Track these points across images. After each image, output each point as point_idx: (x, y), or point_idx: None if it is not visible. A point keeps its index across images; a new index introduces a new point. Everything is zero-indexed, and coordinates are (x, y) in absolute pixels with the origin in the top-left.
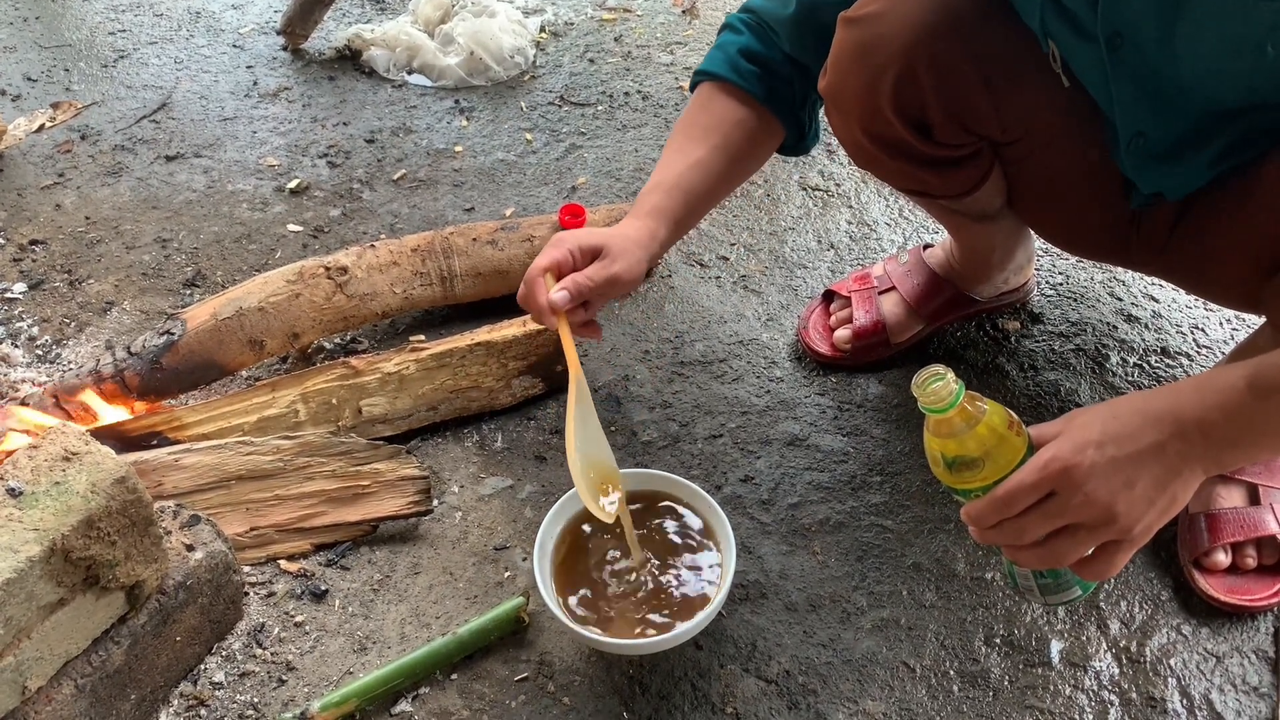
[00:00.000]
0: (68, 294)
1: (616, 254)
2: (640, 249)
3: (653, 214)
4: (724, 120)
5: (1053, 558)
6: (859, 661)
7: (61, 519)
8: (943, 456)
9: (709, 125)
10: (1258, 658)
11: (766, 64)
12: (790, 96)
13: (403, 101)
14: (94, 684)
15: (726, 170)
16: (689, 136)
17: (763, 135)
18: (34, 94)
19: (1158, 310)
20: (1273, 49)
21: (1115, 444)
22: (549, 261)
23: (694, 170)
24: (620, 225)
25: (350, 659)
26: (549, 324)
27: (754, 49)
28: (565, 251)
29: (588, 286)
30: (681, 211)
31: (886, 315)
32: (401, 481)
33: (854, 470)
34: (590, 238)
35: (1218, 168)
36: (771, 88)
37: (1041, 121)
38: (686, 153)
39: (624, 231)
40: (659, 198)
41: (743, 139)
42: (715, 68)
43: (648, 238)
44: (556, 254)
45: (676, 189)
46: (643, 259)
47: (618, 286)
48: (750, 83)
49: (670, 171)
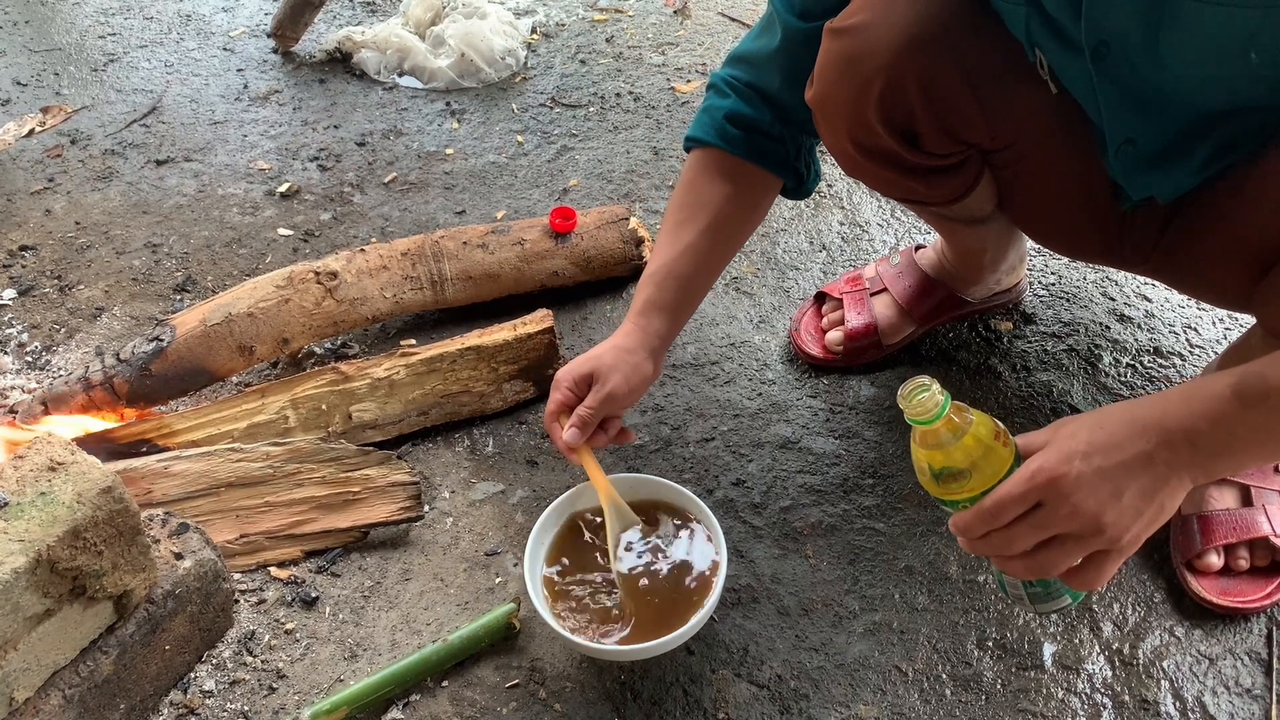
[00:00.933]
0: (58, 300)
1: (606, 373)
2: (633, 354)
3: (644, 311)
4: (714, 198)
5: (1041, 568)
6: (851, 665)
7: (47, 529)
8: (930, 467)
9: (699, 204)
10: (1251, 659)
11: (755, 126)
12: (783, 154)
13: (394, 104)
14: (82, 694)
15: (719, 247)
16: (679, 219)
17: (757, 197)
18: (24, 98)
19: (1150, 310)
20: (1256, 55)
21: (1102, 454)
22: (555, 406)
23: (684, 257)
24: (613, 336)
25: (341, 666)
26: (575, 463)
27: (739, 112)
28: (564, 391)
29: (589, 415)
30: (676, 300)
31: (878, 317)
32: (392, 487)
33: (846, 473)
34: (580, 368)
35: (1206, 171)
36: (762, 149)
37: (1030, 128)
38: (678, 238)
39: (614, 344)
40: (650, 292)
41: (733, 213)
42: (704, 134)
43: (639, 340)
44: (558, 396)
45: (668, 279)
46: (639, 362)
47: (618, 401)
48: (738, 148)
49: (660, 261)
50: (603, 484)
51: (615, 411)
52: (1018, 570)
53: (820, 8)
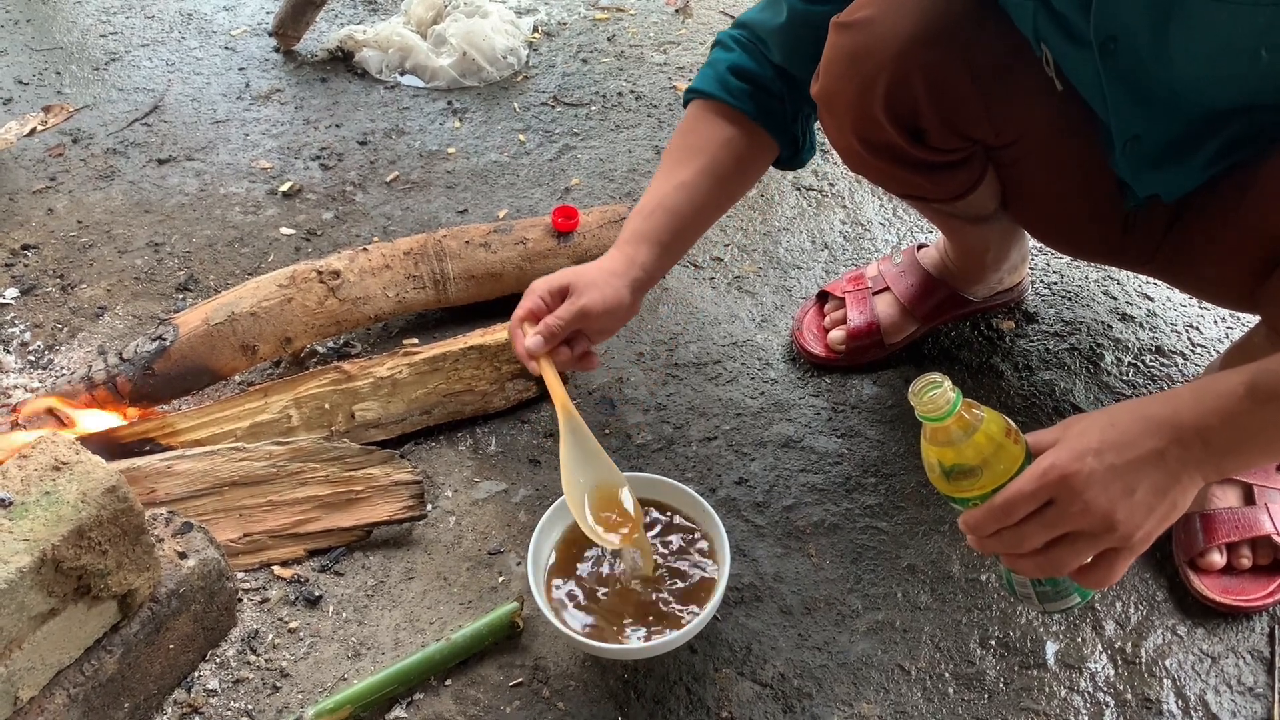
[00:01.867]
0: (60, 299)
1: (583, 288)
2: (615, 277)
3: (631, 240)
4: (711, 141)
5: (1052, 566)
6: (854, 664)
7: (52, 529)
8: (940, 465)
9: (696, 146)
10: (1253, 658)
11: (757, 80)
12: (782, 112)
13: (395, 103)
14: (87, 693)
15: (713, 191)
16: (675, 159)
17: (753, 153)
18: (25, 97)
19: (1152, 309)
20: (1266, 52)
21: (1114, 451)
22: (523, 312)
23: (678, 192)
24: (599, 260)
25: (344, 665)
26: (533, 370)
27: (744, 66)
28: (536, 299)
29: (557, 325)
30: (664, 233)
31: (881, 316)
32: (395, 486)
33: (848, 472)
34: (558, 279)
35: (1212, 169)
36: (762, 105)
37: (1035, 125)
38: (672, 175)
39: (597, 265)
40: (638, 223)
41: (730, 159)
42: (705, 86)
43: (623, 265)
44: (529, 303)
45: (658, 210)
46: (618, 286)
47: (591, 319)
48: (740, 100)
49: (653, 195)
50: (561, 397)
51: (587, 329)
52: (1028, 569)
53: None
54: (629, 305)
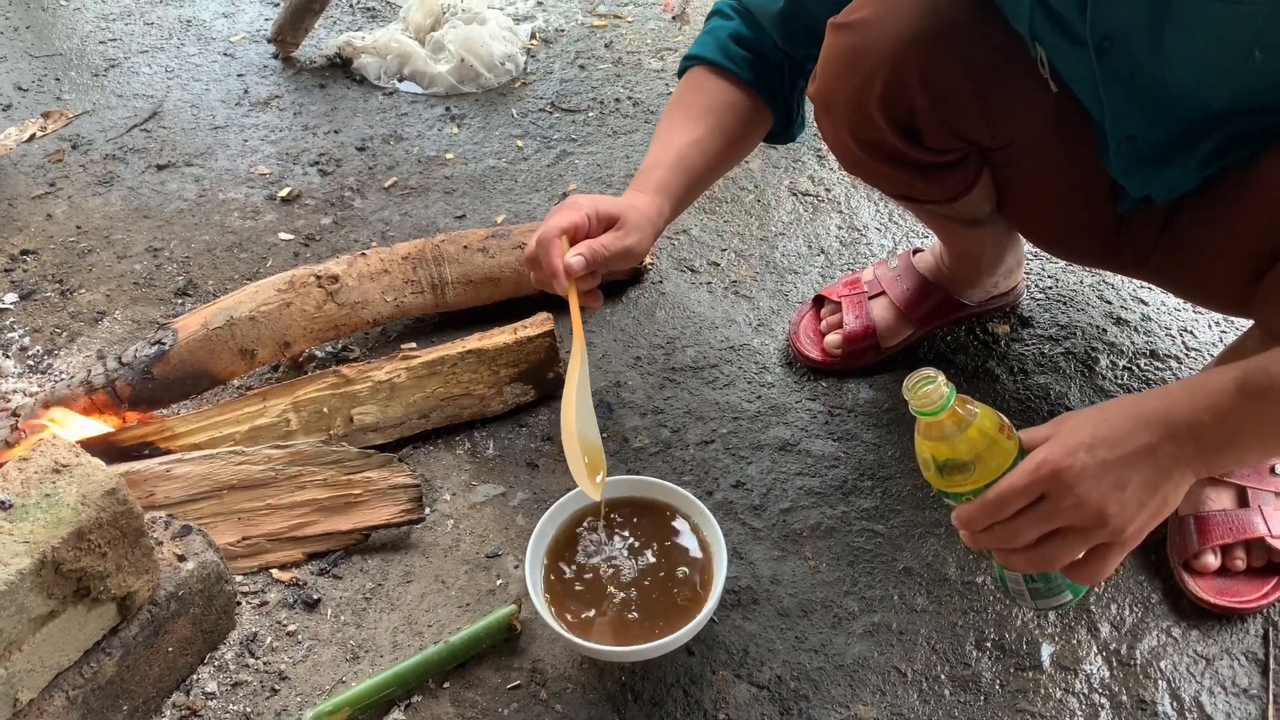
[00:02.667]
0: (59, 304)
1: (632, 226)
2: (649, 224)
3: (659, 190)
4: (719, 101)
5: (1044, 561)
6: (850, 666)
7: (52, 531)
8: (934, 460)
9: (706, 105)
10: (1247, 659)
11: (757, 49)
12: (779, 83)
13: (394, 109)
14: (86, 695)
15: (723, 152)
16: (687, 115)
17: (753, 120)
18: (25, 103)
19: (1147, 313)
20: (1260, 53)
21: (1106, 446)
22: (566, 223)
23: (693, 149)
24: (629, 197)
25: (343, 668)
26: (560, 289)
27: (744, 34)
28: (583, 215)
29: (604, 255)
30: (682, 190)
31: (877, 320)
32: (393, 490)
33: (845, 475)
34: (608, 205)
35: (1206, 171)
36: (762, 74)
37: (1030, 127)
38: (685, 130)
39: (636, 204)
40: (664, 174)
41: (736, 122)
42: (706, 52)
43: (655, 213)
44: (574, 216)
45: (679, 167)
46: (650, 234)
47: (628, 259)
48: (741, 68)
49: (671, 149)
50: (580, 326)
51: (619, 267)
52: (1020, 564)
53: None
54: (646, 253)
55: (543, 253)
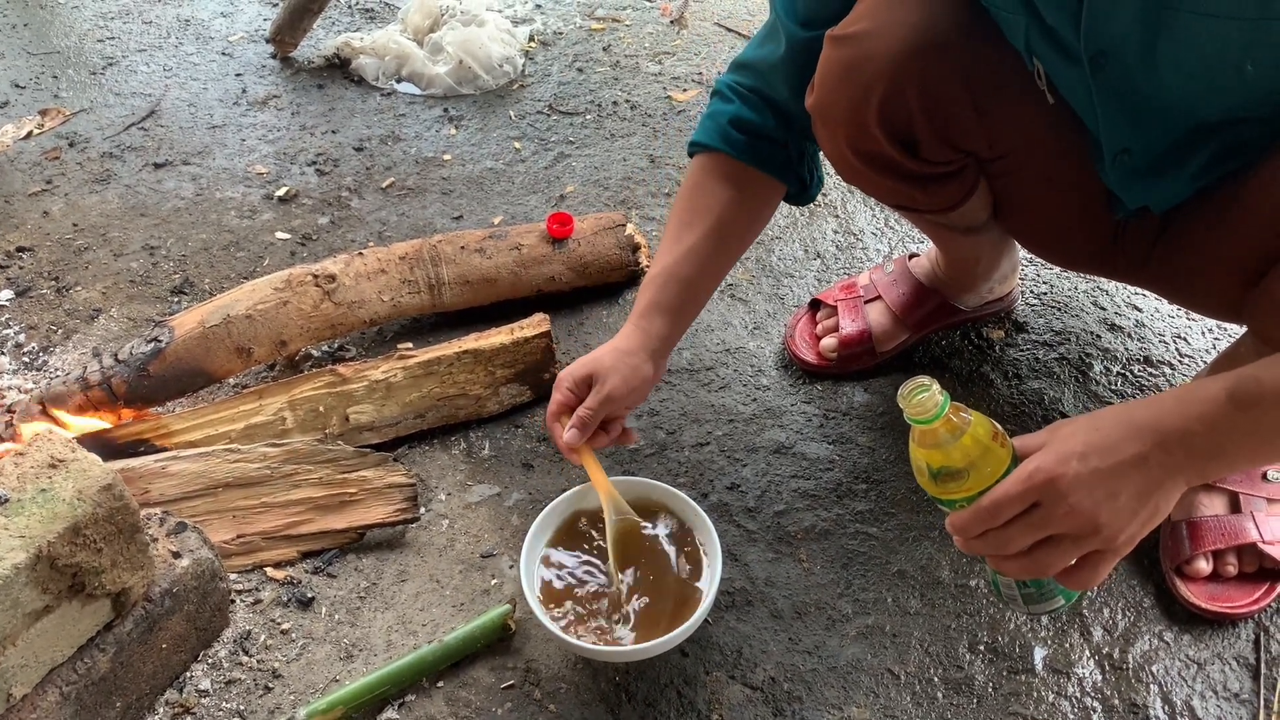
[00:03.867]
0: (55, 301)
1: (605, 374)
2: (633, 356)
3: (645, 313)
4: (717, 201)
5: (1037, 568)
6: (844, 668)
7: (47, 526)
8: (928, 467)
9: (703, 207)
10: (1239, 664)
11: (758, 131)
12: (786, 157)
13: (391, 110)
14: (79, 692)
15: (722, 252)
16: (683, 222)
17: (761, 202)
18: (22, 101)
19: (1141, 320)
20: (1252, 67)
21: (1098, 455)
22: (556, 407)
23: (687, 259)
24: (615, 339)
25: (337, 666)
26: (576, 462)
27: (745, 117)
28: (565, 391)
29: (589, 415)
30: (678, 302)
31: (872, 324)
32: (389, 489)
33: (840, 478)
34: (580, 369)
35: (1200, 181)
36: (765, 154)
37: (1027, 138)
38: (680, 241)
39: (614, 346)
40: (652, 293)
41: (737, 217)
42: (708, 139)
43: (640, 341)
44: (559, 397)
45: (670, 281)
46: (639, 364)
47: (617, 402)
48: (743, 153)
49: (662, 263)
50: (603, 484)
51: (615, 412)
52: (1013, 570)
53: (822, 16)
54: (651, 376)
55: (553, 438)
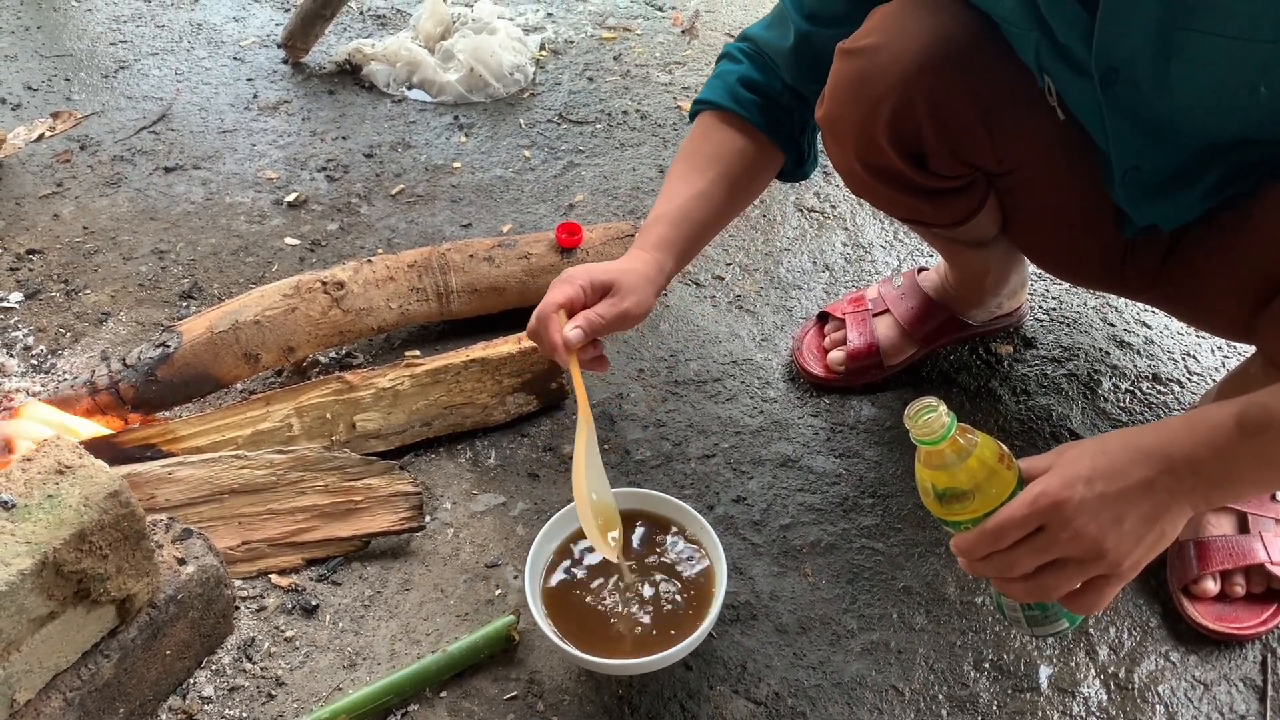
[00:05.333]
0: (64, 304)
1: (627, 290)
2: (649, 283)
3: (660, 246)
4: (726, 150)
5: (1041, 591)
6: (848, 684)
7: (53, 532)
8: (933, 488)
9: (712, 155)
10: (1245, 686)
11: (766, 93)
12: (790, 124)
13: (402, 117)
14: (83, 697)
15: (728, 200)
16: (692, 166)
17: (763, 164)
18: (34, 103)
19: (1150, 337)
20: (1265, 88)
21: (1104, 480)
22: (562, 298)
23: (698, 200)
24: (628, 258)
25: (340, 675)
26: (561, 361)
27: (753, 78)
28: (577, 288)
29: (600, 324)
30: (686, 243)
31: (880, 338)
32: (394, 497)
33: (846, 492)
34: (601, 273)
35: (1210, 201)
36: (771, 116)
37: (1037, 153)
38: (690, 182)
39: (633, 266)
40: (665, 229)
41: (743, 169)
42: (715, 97)
43: (655, 271)
44: (569, 290)
45: (683, 220)
46: (651, 293)
47: (628, 322)
48: (750, 111)
49: (674, 202)
50: (584, 397)
51: (619, 330)
52: (1018, 593)
53: (827, 13)
54: (650, 308)
55: (542, 329)
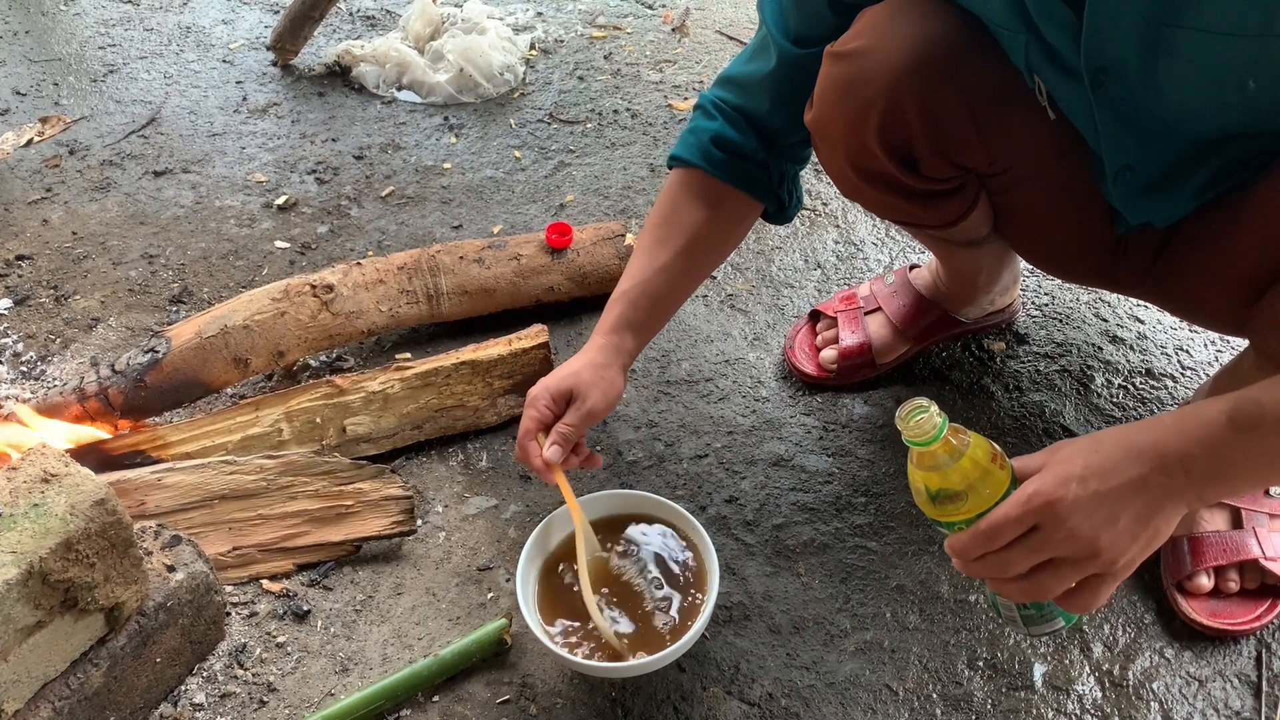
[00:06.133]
0: (53, 310)
1: (585, 391)
2: (608, 370)
3: (616, 328)
4: (692, 220)
5: (1036, 591)
6: (842, 684)
7: (40, 541)
8: (926, 489)
9: (677, 225)
10: (1240, 681)
11: (739, 150)
12: (766, 178)
13: (392, 118)
14: (72, 706)
15: (692, 271)
16: (656, 238)
17: (736, 221)
18: (23, 108)
19: (1143, 332)
20: (1254, 83)
21: (1098, 478)
22: (532, 424)
23: (659, 276)
24: (584, 352)
25: (332, 680)
26: (550, 482)
27: (726, 136)
28: (542, 408)
29: (571, 432)
30: (647, 316)
31: (872, 336)
32: (385, 501)
33: (839, 491)
34: (558, 385)
35: (1202, 197)
36: (746, 174)
37: (1028, 154)
38: (654, 256)
39: (590, 361)
40: (624, 308)
41: (711, 236)
42: (688, 154)
43: (612, 356)
44: (535, 413)
45: (642, 297)
46: (612, 377)
47: (597, 416)
48: (722, 171)
49: (635, 279)
50: (576, 507)
51: (593, 424)
52: (1013, 593)
53: (816, 34)
54: (620, 389)
55: (525, 456)
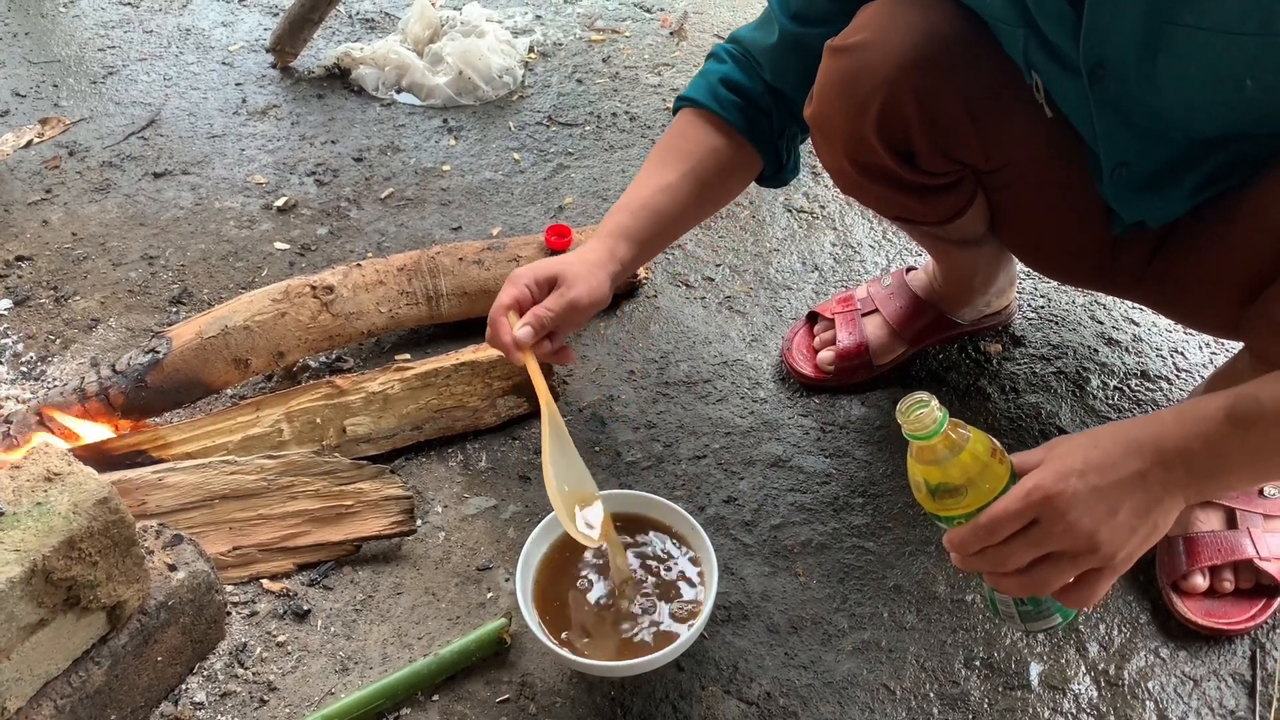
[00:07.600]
0: (53, 310)
1: (572, 280)
2: (599, 269)
3: (614, 233)
4: (699, 146)
5: (1035, 585)
6: (840, 683)
7: (43, 539)
8: (926, 483)
9: (683, 150)
10: (1235, 681)
11: (747, 94)
12: (769, 128)
13: (391, 120)
14: (74, 705)
15: (696, 196)
16: (662, 161)
17: (738, 165)
18: (22, 109)
19: (1138, 334)
20: (1252, 82)
21: (1097, 472)
22: (509, 299)
23: (662, 194)
24: (580, 249)
25: (332, 679)
26: (516, 361)
27: (735, 79)
28: (522, 287)
29: (548, 317)
30: (646, 232)
31: (869, 337)
32: (385, 501)
33: (836, 491)
34: (545, 268)
35: (1199, 197)
36: (750, 118)
37: (1025, 151)
38: (657, 176)
39: (581, 255)
40: (623, 217)
41: (716, 167)
42: (696, 95)
43: (606, 257)
44: (514, 291)
45: (643, 210)
46: (603, 279)
47: (578, 311)
48: (729, 112)
49: (638, 194)
50: (545, 391)
51: (574, 321)
52: (1011, 587)
53: (812, 13)
54: (606, 298)
55: (494, 332)
